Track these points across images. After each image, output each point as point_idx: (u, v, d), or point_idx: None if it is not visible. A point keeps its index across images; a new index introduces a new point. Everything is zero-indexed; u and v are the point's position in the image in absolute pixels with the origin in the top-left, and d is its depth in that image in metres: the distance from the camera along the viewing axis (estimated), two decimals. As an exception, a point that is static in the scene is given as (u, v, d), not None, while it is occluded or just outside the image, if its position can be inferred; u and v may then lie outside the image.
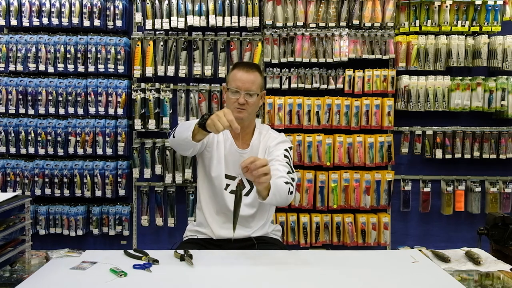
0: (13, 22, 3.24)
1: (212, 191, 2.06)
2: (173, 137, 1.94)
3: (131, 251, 1.72)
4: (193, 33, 3.27)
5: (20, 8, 3.24)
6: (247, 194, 2.04)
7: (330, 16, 3.22)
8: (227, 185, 2.03)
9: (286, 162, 1.97)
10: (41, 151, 3.26)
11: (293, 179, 1.92)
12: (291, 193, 1.85)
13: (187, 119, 3.29)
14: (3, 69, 3.27)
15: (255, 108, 2.06)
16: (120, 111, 3.26)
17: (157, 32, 3.28)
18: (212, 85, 3.28)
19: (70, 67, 3.25)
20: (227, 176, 2.04)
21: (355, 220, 3.27)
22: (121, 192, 3.30)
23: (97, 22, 3.24)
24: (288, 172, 1.92)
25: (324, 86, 3.25)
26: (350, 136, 3.24)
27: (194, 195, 3.25)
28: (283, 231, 3.12)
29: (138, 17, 3.23)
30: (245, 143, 2.08)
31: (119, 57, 3.24)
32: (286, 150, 2.03)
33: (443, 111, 3.28)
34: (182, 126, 1.91)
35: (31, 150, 3.27)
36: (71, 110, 3.27)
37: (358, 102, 3.22)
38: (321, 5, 3.23)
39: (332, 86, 3.25)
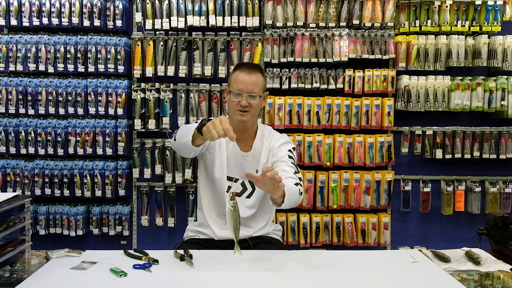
0: (13, 22, 3.24)
1: (214, 193, 2.06)
2: (174, 140, 1.93)
3: (131, 251, 1.72)
4: (193, 33, 3.27)
5: (20, 8, 3.24)
6: (249, 196, 2.04)
7: (330, 16, 3.22)
8: (229, 187, 2.03)
9: (292, 163, 1.97)
10: (41, 151, 3.26)
11: (300, 179, 1.92)
12: (301, 193, 1.86)
13: (187, 119, 3.29)
14: (3, 69, 3.27)
15: (258, 110, 2.05)
16: (120, 111, 3.26)
17: (157, 32, 3.28)
18: (212, 85, 3.28)
19: (70, 67, 3.25)
20: (229, 178, 2.03)
21: (355, 220, 3.27)
22: (121, 192, 3.30)
23: (97, 22, 3.24)
24: (295, 173, 1.92)
25: (324, 86, 3.25)
26: (350, 136, 3.24)
27: (194, 195, 3.25)
28: (283, 231, 3.12)
29: (138, 17, 3.23)
30: (248, 145, 2.07)
31: (119, 57, 3.24)
32: (290, 151, 2.03)
33: (443, 111, 3.28)
34: (183, 129, 1.90)
35: (31, 150, 3.27)
36: (71, 110, 3.27)
37: (358, 102, 3.22)
38: (321, 5, 3.23)
39: (332, 86, 3.25)
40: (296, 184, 1.82)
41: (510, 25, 3.29)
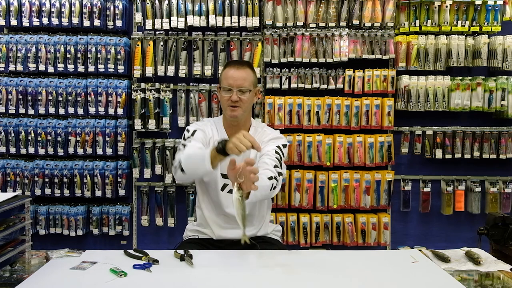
0: (13, 22, 3.24)
1: (210, 192, 2.06)
2: (183, 172, 1.86)
3: (131, 251, 1.72)
4: (193, 33, 3.27)
5: (20, 8, 3.24)
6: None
7: (330, 16, 3.22)
8: (224, 185, 2.03)
9: (276, 158, 1.97)
10: (41, 151, 3.26)
11: (279, 174, 1.92)
12: (274, 188, 1.87)
13: (187, 119, 3.29)
14: (3, 69, 3.27)
15: (249, 105, 2.06)
16: (120, 111, 3.26)
17: (157, 32, 3.28)
18: (212, 85, 3.28)
19: (70, 67, 3.25)
20: (224, 176, 2.03)
21: (355, 220, 3.27)
22: (121, 192, 3.30)
23: (97, 22, 3.24)
24: (275, 166, 1.93)
25: (324, 86, 3.25)
26: (350, 136, 3.24)
27: (194, 195, 3.25)
28: (283, 231, 3.12)
29: (138, 17, 3.23)
30: None
31: (119, 57, 3.24)
32: (278, 147, 2.02)
33: (443, 111, 3.28)
34: (190, 159, 1.85)
35: (31, 150, 3.27)
36: (71, 110, 3.27)
37: (358, 102, 3.22)
38: (321, 5, 3.23)
39: (332, 86, 3.25)
40: (270, 178, 1.83)
41: (510, 25, 3.28)
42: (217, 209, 2.05)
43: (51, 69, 3.26)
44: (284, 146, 2.07)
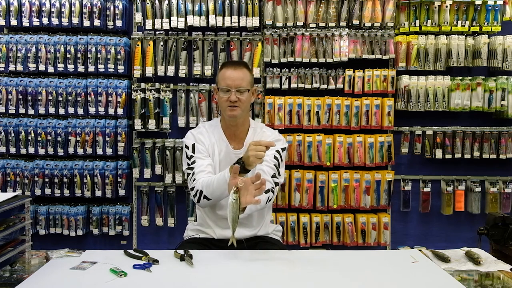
0: (13, 22, 3.24)
1: None
2: (208, 199, 1.91)
3: (131, 251, 1.73)
4: (193, 33, 3.27)
5: (20, 8, 3.24)
6: None
7: (330, 16, 3.22)
8: None
9: (274, 165, 1.98)
10: (41, 151, 3.26)
11: (276, 183, 1.95)
12: (270, 200, 1.92)
13: (187, 119, 3.29)
14: (3, 69, 3.27)
15: (247, 104, 2.08)
16: (120, 111, 3.26)
17: (157, 32, 3.28)
18: (212, 85, 3.27)
19: (70, 67, 3.25)
20: None
21: (355, 220, 3.27)
22: (121, 192, 3.30)
23: (97, 22, 3.24)
24: (273, 176, 1.94)
25: (324, 86, 3.25)
26: (350, 136, 3.24)
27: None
28: (283, 231, 3.12)
29: (138, 17, 3.23)
30: (240, 142, 2.08)
31: (119, 57, 3.24)
32: (278, 151, 2.03)
33: (443, 111, 3.28)
34: (211, 186, 1.88)
35: (31, 150, 3.27)
36: (71, 110, 3.27)
37: (358, 102, 3.22)
38: (321, 5, 3.22)
39: (332, 86, 3.25)
40: (267, 191, 1.86)
41: (510, 25, 3.28)
42: (217, 211, 2.05)
43: (51, 69, 3.26)
44: (284, 149, 2.07)
